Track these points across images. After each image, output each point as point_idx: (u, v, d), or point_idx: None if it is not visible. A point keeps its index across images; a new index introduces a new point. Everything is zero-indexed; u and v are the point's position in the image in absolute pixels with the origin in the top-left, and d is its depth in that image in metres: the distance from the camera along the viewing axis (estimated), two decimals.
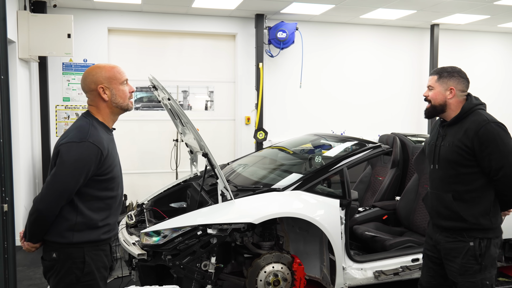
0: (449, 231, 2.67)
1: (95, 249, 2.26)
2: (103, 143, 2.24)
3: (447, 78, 2.74)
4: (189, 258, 3.10)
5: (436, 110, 2.77)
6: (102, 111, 2.33)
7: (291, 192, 3.51)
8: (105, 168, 2.25)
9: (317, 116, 7.51)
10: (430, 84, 2.79)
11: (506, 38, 8.48)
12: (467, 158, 2.60)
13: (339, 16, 7.05)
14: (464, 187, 2.62)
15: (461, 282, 2.62)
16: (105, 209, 2.28)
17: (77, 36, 6.25)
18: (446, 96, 2.72)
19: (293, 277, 3.35)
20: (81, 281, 2.21)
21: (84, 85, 2.33)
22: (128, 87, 2.38)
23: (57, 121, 6.49)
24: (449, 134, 2.72)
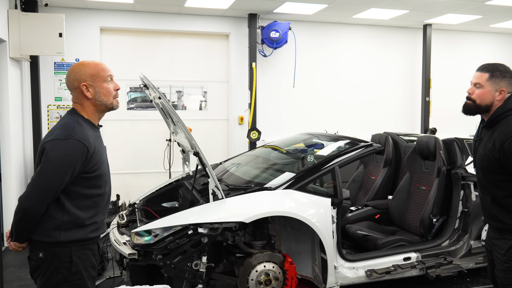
0: (496, 229, 2.67)
1: (83, 248, 2.23)
2: (89, 140, 2.20)
3: (500, 78, 2.57)
4: (180, 258, 3.09)
5: (480, 109, 2.63)
6: (86, 108, 2.28)
7: (283, 191, 3.51)
8: (92, 166, 2.21)
9: (311, 115, 7.51)
10: (479, 81, 2.61)
11: (498, 38, 8.53)
12: (497, 167, 2.55)
13: (332, 16, 7.06)
14: (501, 192, 2.58)
15: (502, 277, 2.61)
16: (92, 207, 2.25)
17: (69, 36, 6.21)
18: (495, 97, 2.57)
19: (284, 276, 3.34)
20: (69, 281, 2.18)
21: (68, 83, 2.28)
22: (113, 85, 2.32)
23: (49, 120, 6.45)
24: (484, 138, 2.65)
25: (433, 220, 4.02)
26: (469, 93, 2.65)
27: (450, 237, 3.98)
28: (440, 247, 3.91)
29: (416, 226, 4.17)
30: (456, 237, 3.99)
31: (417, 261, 3.76)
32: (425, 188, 4.25)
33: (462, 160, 4.10)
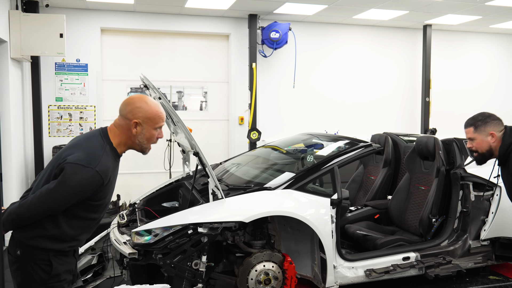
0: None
1: (60, 255, 2.24)
2: (108, 172, 2.21)
3: (483, 125, 2.92)
4: (180, 257, 3.10)
5: (485, 156, 2.95)
6: (122, 138, 2.28)
7: (282, 191, 3.52)
8: (101, 195, 2.24)
9: (311, 115, 7.53)
10: (469, 136, 2.97)
11: (498, 39, 8.53)
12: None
13: (332, 16, 7.07)
14: None
15: None
16: (81, 228, 2.27)
17: (69, 36, 6.24)
18: (490, 142, 2.91)
19: (284, 276, 3.36)
20: (45, 283, 2.19)
21: (123, 110, 2.29)
22: (158, 133, 2.33)
23: (50, 121, 6.47)
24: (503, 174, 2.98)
25: (432, 220, 4.03)
26: (469, 147, 3.02)
27: (449, 237, 3.99)
28: (439, 247, 3.92)
29: (415, 226, 4.19)
30: (455, 237, 4.00)
31: (416, 260, 3.77)
32: (424, 188, 4.26)
33: (461, 160, 4.11)
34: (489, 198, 3.96)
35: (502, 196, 3.86)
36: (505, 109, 8.66)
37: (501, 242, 3.98)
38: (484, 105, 8.44)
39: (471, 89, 8.42)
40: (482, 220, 3.97)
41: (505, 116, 9.04)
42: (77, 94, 6.55)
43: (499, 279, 4.05)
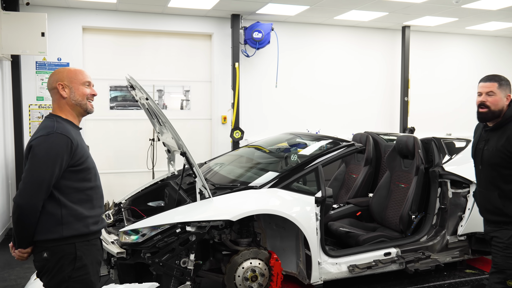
0: (495, 223, 2.94)
1: (86, 244, 2.27)
2: (71, 133, 2.28)
3: (505, 86, 2.95)
4: (168, 256, 3.15)
5: (494, 115, 2.92)
6: (63, 108, 2.36)
7: (268, 189, 3.60)
8: (78, 158, 2.27)
9: (293, 115, 7.63)
10: (491, 90, 2.92)
11: (473, 40, 8.79)
12: (509, 161, 2.84)
13: (313, 17, 7.18)
14: (508, 186, 2.86)
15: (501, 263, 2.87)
16: (86, 201, 2.30)
17: (50, 35, 6.17)
18: (504, 103, 2.92)
19: (270, 273, 3.43)
20: (73, 277, 2.22)
21: (48, 84, 2.39)
22: (90, 90, 2.41)
23: (31, 120, 6.40)
24: (491, 139, 2.94)
25: (411, 216, 4.17)
26: (483, 101, 2.94)
27: (428, 233, 4.13)
28: (419, 242, 4.06)
29: (396, 222, 4.32)
30: (434, 233, 4.15)
31: (397, 256, 3.90)
32: (404, 186, 4.40)
33: (440, 158, 4.26)
34: (465, 195, 4.12)
35: None
36: None
37: (477, 237, 4.14)
38: (463, 104, 8.70)
39: (448, 89, 8.66)
40: (459, 216, 4.13)
41: None
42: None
43: (475, 273, 4.21)
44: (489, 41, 8.90)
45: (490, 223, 2.99)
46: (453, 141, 4.55)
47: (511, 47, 9.11)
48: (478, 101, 2.98)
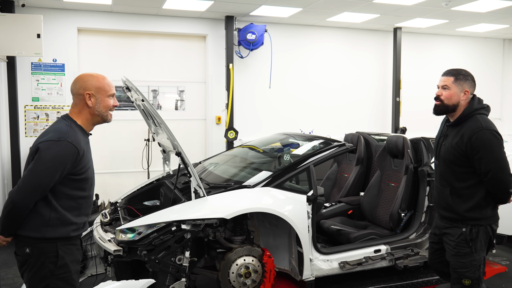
0: (447, 219, 3.04)
1: (67, 244, 2.37)
2: (80, 143, 2.38)
3: (463, 80, 2.95)
4: (164, 253, 3.23)
5: (448, 109, 2.96)
6: (83, 115, 2.47)
7: (261, 188, 3.69)
8: (80, 168, 2.38)
9: (286, 115, 7.73)
10: (446, 84, 2.96)
11: (463, 41, 8.94)
12: (462, 159, 2.89)
13: (306, 18, 7.28)
14: (461, 183, 2.94)
15: (453, 262, 2.99)
16: (75, 208, 2.40)
17: (46, 36, 6.22)
18: (460, 98, 2.94)
19: (263, 269, 3.52)
20: (55, 274, 2.31)
21: (74, 88, 2.48)
22: (113, 101, 2.53)
23: (26, 121, 6.45)
24: (449, 135, 2.99)
25: (401, 214, 4.27)
26: (438, 95, 2.98)
27: (417, 230, 4.24)
28: (408, 239, 4.17)
29: (386, 220, 4.43)
30: (423, 230, 4.26)
31: (387, 253, 4.00)
32: (394, 185, 4.51)
33: (428, 158, 4.37)
34: None
35: None
36: None
37: None
38: None
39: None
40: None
41: None
42: (54, 94, 6.55)
43: None
44: (479, 43, 9.05)
45: (443, 219, 3.08)
46: None
47: (501, 48, 9.27)
48: (435, 94, 3.03)
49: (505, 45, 9.27)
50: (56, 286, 2.32)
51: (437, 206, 3.14)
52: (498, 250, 4.87)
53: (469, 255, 2.94)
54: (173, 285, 3.26)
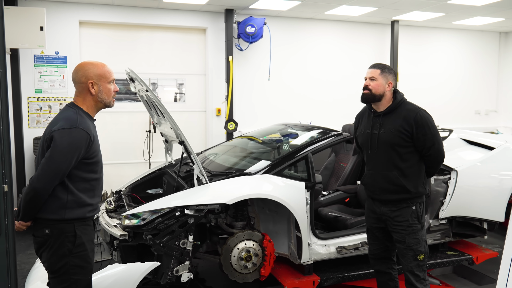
0: (395, 202, 3.25)
1: (83, 224, 2.53)
2: (91, 129, 2.53)
3: (388, 73, 3.28)
4: (169, 237, 3.36)
5: (375, 98, 3.26)
6: (87, 102, 2.62)
7: (262, 175, 3.82)
8: (92, 152, 2.53)
9: (285, 108, 7.84)
10: (373, 75, 3.26)
11: (460, 34, 9.05)
12: (406, 140, 3.18)
13: (305, 11, 7.38)
14: (405, 163, 3.21)
15: (408, 241, 3.22)
16: (90, 190, 2.56)
17: (48, 29, 6.29)
18: (385, 89, 3.25)
19: (263, 253, 3.66)
20: (73, 253, 2.46)
21: (75, 77, 2.61)
22: (113, 86, 2.66)
23: (29, 113, 6.56)
24: (387, 122, 3.24)
25: None
26: (366, 85, 3.28)
27: None
28: None
29: None
30: None
31: None
32: None
33: None
34: (446, 181, 4.37)
35: (458, 179, 4.28)
36: (466, 102, 9.21)
37: (457, 221, 4.39)
38: (451, 97, 8.97)
39: (436, 82, 8.92)
40: (441, 201, 4.37)
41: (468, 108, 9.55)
42: (56, 86, 6.65)
43: (456, 254, 4.47)
44: (475, 36, 9.16)
45: (387, 204, 3.25)
46: None
47: (496, 41, 9.39)
48: (363, 85, 3.30)
49: (501, 38, 9.39)
50: (74, 263, 2.46)
51: (379, 192, 3.29)
52: (490, 237, 5.02)
53: (420, 230, 3.23)
54: (177, 268, 3.39)
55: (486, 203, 4.36)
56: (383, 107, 3.28)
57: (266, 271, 3.66)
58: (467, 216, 4.34)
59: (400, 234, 3.23)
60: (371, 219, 3.45)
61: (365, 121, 3.40)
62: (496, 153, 4.48)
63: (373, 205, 3.39)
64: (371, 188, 3.36)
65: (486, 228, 4.45)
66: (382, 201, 3.30)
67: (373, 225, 3.43)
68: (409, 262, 3.25)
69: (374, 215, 3.40)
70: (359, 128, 3.48)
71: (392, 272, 3.48)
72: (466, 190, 4.29)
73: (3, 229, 2.17)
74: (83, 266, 2.50)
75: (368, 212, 3.47)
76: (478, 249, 4.61)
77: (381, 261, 3.48)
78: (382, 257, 3.47)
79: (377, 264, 3.51)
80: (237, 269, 3.62)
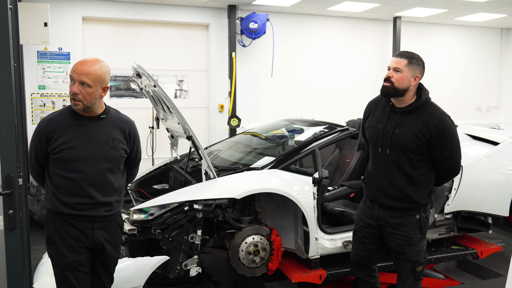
0: (397, 210, 2.93)
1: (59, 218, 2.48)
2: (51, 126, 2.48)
3: (416, 65, 2.88)
4: (177, 232, 3.37)
5: (397, 92, 2.83)
6: None
7: (269, 170, 3.84)
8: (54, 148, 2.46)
9: (288, 103, 7.85)
10: (398, 66, 2.84)
11: (462, 30, 9.07)
12: (422, 147, 2.81)
13: (308, 8, 7.39)
14: (415, 171, 2.85)
15: (408, 252, 2.94)
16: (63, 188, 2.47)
17: (51, 25, 6.25)
18: (410, 83, 2.84)
19: (271, 247, 3.68)
20: (48, 242, 2.50)
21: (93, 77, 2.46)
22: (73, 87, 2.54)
23: (33, 109, 6.56)
24: (404, 122, 2.85)
25: None
26: (389, 76, 2.86)
27: None
28: None
29: None
30: None
31: None
32: None
33: None
34: None
35: (463, 174, 4.30)
36: (468, 98, 9.23)
37: (462, 215, 4.41)
38: (452, 93, 8.99)
39: (437, 78, 8.93)
40: (446, 196, 4.39)
41: (470, 104, 9.57)
42: (60, 82, 6.65)
43: (460, 248, 4.49)
44: (477, 32, 9.18)
45: (389, 209, 2.93)
46: None
47: (498, 37, 9.40)
48: (385, 75, 2.89)
49: (502, 35, 9.41)
50: (49, 252, 2.52)
51: (381, 196, 2.95)
52: (494, 232, 5.04)
53: (421, 241, 2.94)
54: (185, 262, 3.41)
55: (491, 198, 4.38)
56: (404, 104, 2.88)
57: (274, 266, 3.68)
58: (472, 211, 4.36)
59: (399, 245, 2.94)
60: (362, 222, 3.12)
61: (378, 113, 3.01)
62: (501, 148, 4.50)
63: (370, 208, 3.06)
64: (373, 190, 3.00)
65: (491, 223, 4.47)
66: (382, 205, 2.97)
67: (363, 229, 3.11)
68: (407, 274, 2.99)
69: (368, 218, 3.08)
70: (370, 119, 3.08)
71: (370, 280, 3.21)
72: (472, 184, 4.30)
73: (18, 223, 2.19)
74: (55, 258, 2.48)
75: (361, 214, 3.15)
76: (482, 244, 4.63)
77: (361, 268, 3.22)
78: (362, 264, 3.20)
79: (357, 271, 3.24)
80: (245, 264, 3.63)
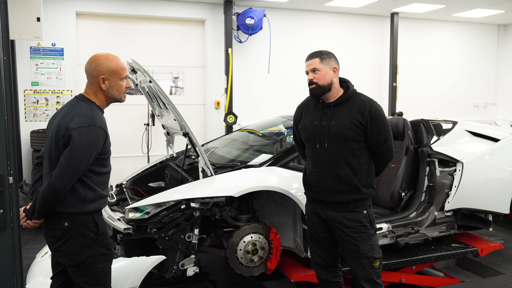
0: (344, 205, 2.90)
1: (100, 215, 2.56)
2: (105, 124, 2.52)
3: (328, 59, 2.95)
4: (174, 230, 3.30)
5: (324, 89, 2.91)
6: (98, 96, 2.57)
7: (267, 167, 3.76)
8: (106, 148, 2.53)
9: (285, 100, 7.77)
10: (314, 66, 2.92)
11: (460, 26, 9.03)
12: (360, 133, 2.86)
13: (305, 3, 7.31)
14: (356, 161, 2.88)
15: (362, 248, 2.89)
16: (102, 183, 2.56)
17: (45, 20, 6.18)
18: (332, 76, 2.93)
19: (270, 246, 3.62)
20: (97, 242, 2.47)
21: (88, 69, 2.54)
22: (126, 82, 2.60)
23: (26, 105, 6.45)
24: (338, 113, 2.91)
25: (401, 194, 4.37)
26: (311, 79, 2.94)
27: (417, 209, 4.34)
28: (408, 218, 4.27)
29: (387, 200, 4.52)
30: (422, 209, 4.36)
31: (388, 231, 4.10)
32: (395, 166, 4.60)
33: (428, 139, 4.47)
34: (452, 173, 4.35)
35: (463, 171, 4.25)
36: (465, 94, 9.20)
37: (462, 213, 4.37)
38: (449, 89, 8.95)
39: (435, 75, 8.89)
40: (446, 193, 4.34)
41: (467, 101, 9.54)
42: (53, 78, 6.54)
43: (461, 246, 4.45)
44: (474, 28, 9.14)
45: (335, 207, 2.91)
46: (441, 122, 4.76)
47: (495, 34, 9.37)
48: (308, 80, 2.97)
49: (499, 31, 9.37)
50: (99, 252, 2.48)
51: (327, 193, 2.93)
52: (494, 230, 5.00)
53: (373, 235, 2.94)
54: (182, 262, 3.33)
55: (492, 195, 4.34)
56: (333, 98, 2.95)
57: (273, 265, 3.61)
58: (472, 208, 4.32)
59: (353, 241, 2.88)
60: (314, 224, 3.05)
61: (310, 112, 3.03)
62: (502, 145, 4.46)
63: (316, 208, 3.01)
64: (316, 188, 2.96)
65: (491, 220, 4.43)
66: (329, 204, 2.94)
67: (318, 230, 3.04)
68: (366, 271, 2.91)
69: (318, 219, 3.02)
70: (302, 120, 3.07)
71: (339, 281, 3.14)
72: (472, 182, 4.26)
73: (9, 223, 2.10)
74: (106, 253, 2.53)
75: (311, 217, 3.08)
76: (482, 241, 4.59)
77: (327, 270, 3.11)
78: (328, 265, 3.10)
79: (324, 274, 3.12)
80: (243, 263, 3.57)
